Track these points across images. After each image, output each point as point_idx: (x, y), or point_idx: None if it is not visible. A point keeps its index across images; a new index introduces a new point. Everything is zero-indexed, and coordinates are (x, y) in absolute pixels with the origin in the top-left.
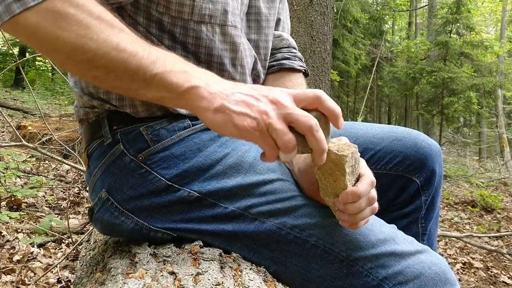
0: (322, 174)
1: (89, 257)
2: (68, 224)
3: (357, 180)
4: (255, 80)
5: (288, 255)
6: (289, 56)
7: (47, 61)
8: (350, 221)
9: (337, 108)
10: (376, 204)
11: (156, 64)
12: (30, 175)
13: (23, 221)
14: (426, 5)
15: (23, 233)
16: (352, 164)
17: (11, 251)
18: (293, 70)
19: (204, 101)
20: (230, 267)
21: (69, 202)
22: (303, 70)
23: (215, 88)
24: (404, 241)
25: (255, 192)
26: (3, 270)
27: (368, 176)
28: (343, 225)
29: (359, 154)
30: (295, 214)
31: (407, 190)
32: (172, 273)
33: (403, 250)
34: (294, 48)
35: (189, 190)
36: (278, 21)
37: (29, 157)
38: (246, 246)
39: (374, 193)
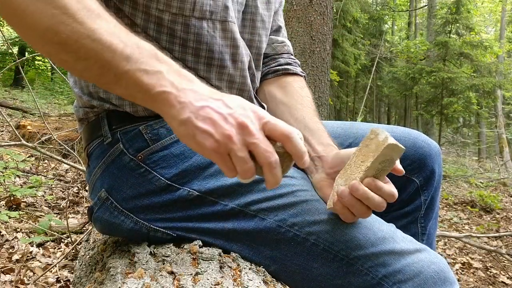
0: (358, 154)
1: (88, 256)
2: (67, 223)
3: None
4: (253, 80)
5: (288, 254)
6: (291, 62)
7: (46, 60)
8: (349, 202)
9: (302, 151)
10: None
11: (130, 61)
12: (29, 175)
13: (22, 220)
14: (425, 5)
15: (22, 232)
16: (385, 160)
17: (10, 250)
18: (296, 75)
19: (172, 109)
20: (229, 267)
21: (68, 202)
22: (303, 76)
23: (186, 97)
24: (403, 240)
25: (255, 188)
26: (2, 270)
27: (394, 188)
28: (338, 211)
29: (396, 162)
30: (295, 211)
31: (406, 189)
32: (171, 272)
33: (402, 248)
34: (292, 55)
35: (188, 189)
36: (279, 28)
37: (28, 157)
38: (246, 245)
39: (384, 203)
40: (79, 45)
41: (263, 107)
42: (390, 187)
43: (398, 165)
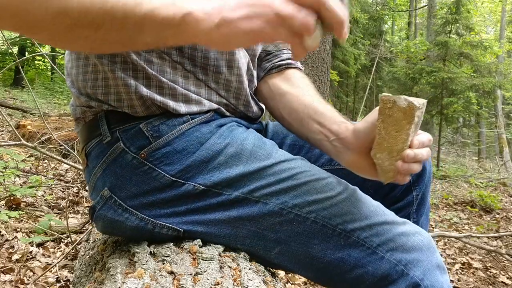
0: (384, 126)
1: (88, 256)
2: (67, 223)
3: None
4: (251, 80)
5: (291, 235)
6: (291, 57)
7: (46, 60)
8: (410, 169)
9: (341, 15)
10: None
11: (141, 4)
12: (29, 174)
13: (22, 220)
14: (425, 5)
15: (22, 232)
16: (419, 116)
17: (10, 250)
18: (297, 68)
19: (203, 22)
20: (229, 266)
21: (68, 202)
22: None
23: (208, 8)
24: (391, 213)
25: (257, 176)
26: (2, 269)
27: (425, 134)
28: (398, 178)
29: (423, 113)
30: (294, 193)
31: (399, 186)
32: (171, 272)
33: (392, 219)
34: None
35: (194, 184)
36: None
37: (28, 156)
38: (251, 232)
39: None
40: (93, 14)
41: (261, 108)
42: (424, 137)
43: None
